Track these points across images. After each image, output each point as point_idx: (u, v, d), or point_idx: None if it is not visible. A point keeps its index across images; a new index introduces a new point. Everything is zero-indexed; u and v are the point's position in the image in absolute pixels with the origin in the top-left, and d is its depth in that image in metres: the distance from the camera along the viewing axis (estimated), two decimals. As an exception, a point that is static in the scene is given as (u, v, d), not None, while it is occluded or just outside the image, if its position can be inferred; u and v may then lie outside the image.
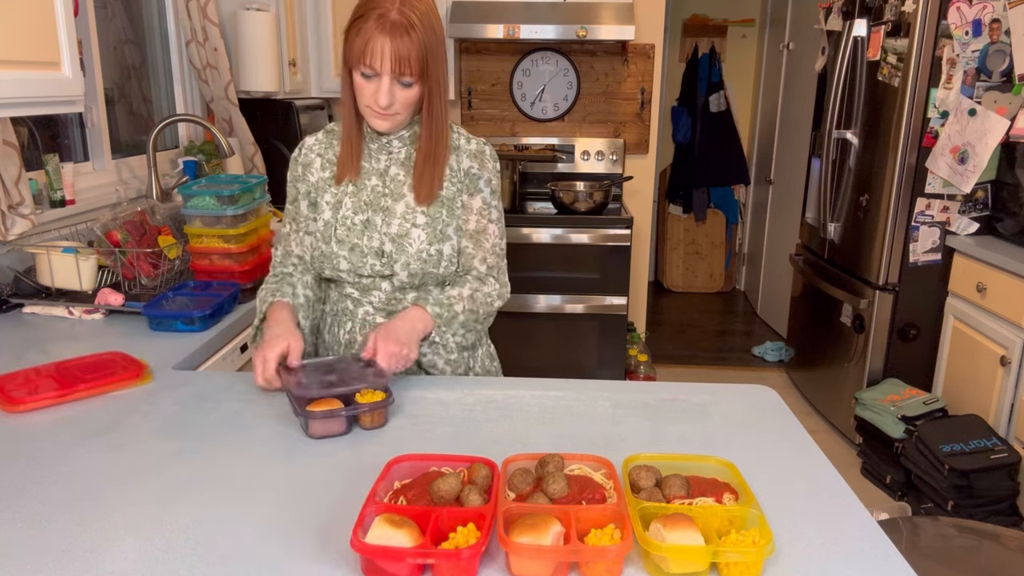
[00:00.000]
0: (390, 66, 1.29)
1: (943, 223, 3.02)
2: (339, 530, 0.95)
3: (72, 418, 1.26)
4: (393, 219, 1.43)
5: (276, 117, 3.20)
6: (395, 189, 1.45)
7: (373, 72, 1.30)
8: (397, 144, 1.45)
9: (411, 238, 1.43)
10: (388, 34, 1.27)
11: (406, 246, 1.43)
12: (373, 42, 1.27)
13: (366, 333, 1.50)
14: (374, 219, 1.44)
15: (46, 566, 0.87)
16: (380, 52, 1.28)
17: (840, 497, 1.06)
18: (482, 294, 1.47)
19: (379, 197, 1.45)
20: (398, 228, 1.43)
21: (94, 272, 1.90)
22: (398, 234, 1.43)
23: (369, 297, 1.50)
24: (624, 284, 3.45)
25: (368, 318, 1.51)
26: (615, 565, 0.87)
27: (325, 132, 1.52)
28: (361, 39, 1.28)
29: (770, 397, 1.40)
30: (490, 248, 1.49)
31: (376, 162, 1.46)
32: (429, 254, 1.43)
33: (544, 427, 1.26)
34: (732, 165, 5.42)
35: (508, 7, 3.42)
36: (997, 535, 1.79)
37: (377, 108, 1.34)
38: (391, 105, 1.33)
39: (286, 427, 1.24)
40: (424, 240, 1.43)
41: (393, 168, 1.46)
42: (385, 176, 1.46)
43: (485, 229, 1.48)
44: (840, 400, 3.38)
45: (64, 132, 2.36)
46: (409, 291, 1.49)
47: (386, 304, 1.50)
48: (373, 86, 1.32)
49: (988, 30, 2.78)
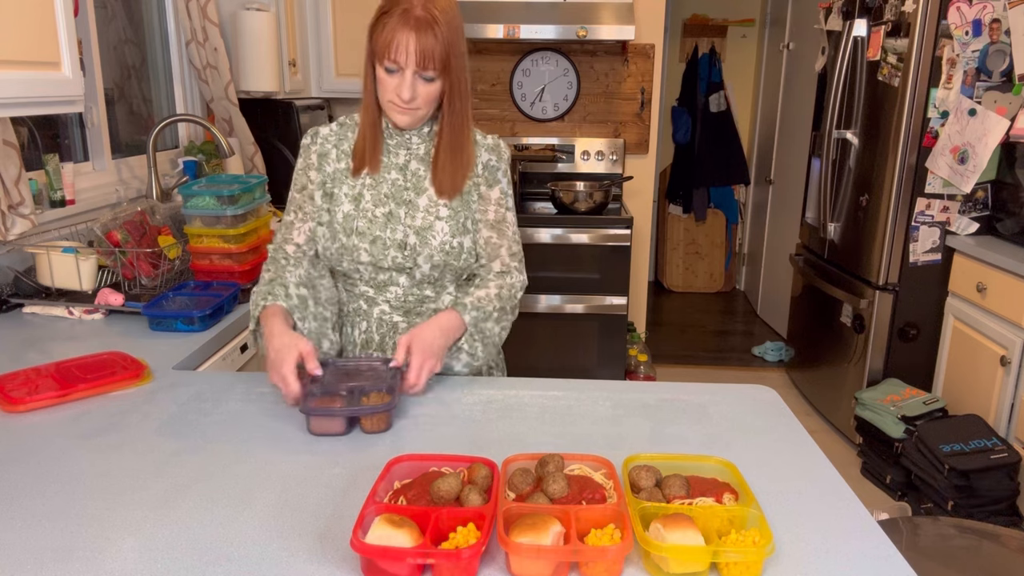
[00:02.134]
0: (414, 60, 1.31)
1: (943, 223, 3.02)
2: (339, 530, 0.95)
3: (72, 418, 1.26)
4: (417, 212, 1.45)
5: (276, 117, 3.20)
6: (416, 183, 1.46)
7: (397, 66, 1.33)
8: (416, 140, 1.47)
9: (435, 230, 1.44)
10: (413, 29, 1.30)
11: (430, 239, 1.44)
12: (398, 37, 1.30)
13: (383, 333, 1.51)
14: (397, 212, 1.45)
15: (46, 566, 0.87)
16: (405, 47, 1.30)
17: (840, 497, 1.06)
18: (507, 288, 1.49)
19: (400, 191, 1.46)
20: (422, 221, 1.44)
21: (94, 272, 1.90)
22: (422, 227, 1.44)
23: (385, 295, 1.49)
24: (624, 284, 3.45)
25: (384, 317, 1.50)
26: (615, 565, 0.87)
27: (339, 124, 1.52)
28: (386, 34, 1.31)
29: (770, 397, 1.40)
30: (512, 236, 1.52)
31: (395, 157, 1.47)
32: (452, 247, 1.45)
33: (544, 427, 1.26)
34: (732, 165, 5.43)
35: (508, 7, 3.42)
36: (997, 535, 1.79)
37: (399, 102, 1.36)
38: (413, 99, 1.35)
39: (286, 427, 1.24)
40: (447, 232, 1.45)
41: (413, 163, 1.47)
42: (405, 171, 1.47)
43: (504, 218, 1.52)
44: (840, 400, 3.38)
45: (64, 132, 2.36)
46: (426, 286, 1.49)
47: (402, 301, 1.49)
48: (396, 80, 1.34)
49: (988, 30, 2.78)
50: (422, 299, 1.50)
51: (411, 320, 1.51)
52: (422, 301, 1.50)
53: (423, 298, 1.50)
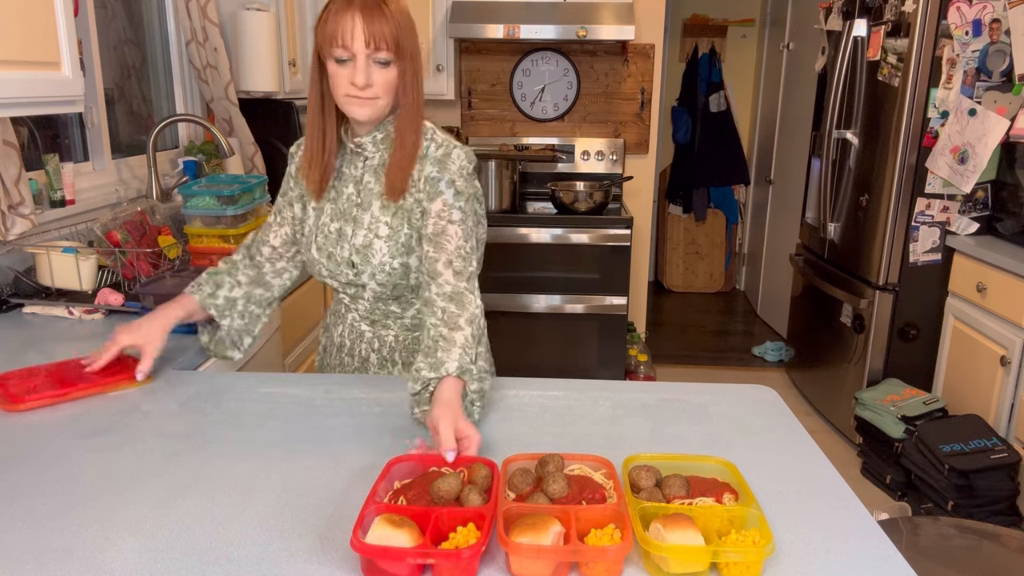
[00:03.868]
0: (363, 42, 1.25)
1: (943, 223, 3.02)
2: (339, 530, 0.95)
3: (72, 418, 1.26)
4: (360, 229, 1.41)
5: (276, 117, 3.20)
6: (365, 198, 1.41)
7: (348, 53, 1.26)
8: (370, 148, 1.40)
9: (373, 250, 1.39)
10: (359, 10, 1.24)
11: (370, 257, 1.40)
12: (344, 22, 1.24)
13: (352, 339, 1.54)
14: (345, 229, 1.42)
15: (46, 566, 0.87)
16: (352, 30, 1.24)
17: (840, 497, 1.05)
18: (476, 322, 1.27)
19: (352, 206, 1.42)
20: (362, 239, 1.40)
21: (94, 272, 1.90)
22: (362, 245, 1.40)
23: (356, 304, 1.52)
24: (624, 284, 3.45)
25: (355, 324, 1.54)
26: (615, 565, 0.87)
27: None
28: (331, 23, 1.25)
29: (770, 397, 1.40)
30: (454, 251, 1.33)
31: (353, 168, 1.43)
32: (393, 267, 1.40)
33: (544, 427, 1.26)
34: (732, 165, 5.43)
35: (508, 7, 3.43)
36: (997, 535, 1.79)
37: (355, 91, 1.28)
38: (369, 86, 1.28)
39: (286, 427, 1.24)
40: (386, 253, 1.39)
41: (367, 175, 1.42)
42: (360, 184, 1.43)
43: (444, 231, 1.34)
44: (840, 400, 3.38)
45: (64, 132, 2.36)
46: (390, 301, 1.48)
47: (370, 313, 1.51)
48: (348, 70, 1.27)
49: (988, 30, 2.78)
50: (387, 313, 1.50)
51: (376, 331, 1.52)
52: (388, 315, 1.50)
53: (388, 312, 1.50)
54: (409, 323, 1.51)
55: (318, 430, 1.23)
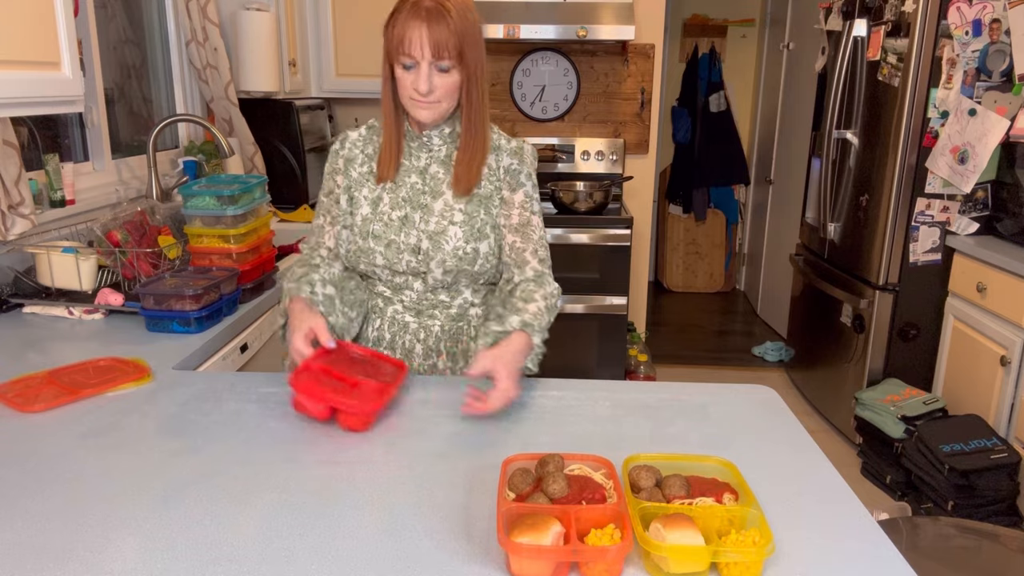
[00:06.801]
0: (428, 52, 1.32)
1: (943, 223, 3.02)
2: (339, 530, 0.95)
3: (72, 418, 1.26)
4: (431, 216, 1.45)
5: (276, 117, 3.20)
6: (434, 187, 1.46)
7: (412, 61, 1.33)
8: (437, 141, 1.47)
9: (448, 235, 1.44)
10: (424, 20, 1.30)
11: (442, 243, 1.44)
12: (410, 31, 1.31)
13: (394, 332, 1.53)
14: (412, 216, 1.45)
15: (46, 566, 0.87)
16: (418, 39, 1.31)
17: (840, 497, 1.06)
18: (551, 299, 1.44)
19: (418, 194, 1.46)
20: (436, 225, 1.44)
21: (94, 272, 1.90)
22: (435, 231, 1.44)
23: (400, 296, 1.51)
24: (624, 284, 3.45)
25: (397, 316, 1.52)
26: (615, 565, 0.87)
27: (368, 128, 1.53)
28: (398, 30, 1.32)
29: (770, 397, 1.40)
30: (538, 240, 1.49)
31: (416, 160, 1.48)
32: (465, 252, 1.45)
33: (544, 427, 1.26)
34: (732, 165, 5.43)
35: (508, 7, 3.42)
36: (997, 535, 1.79)
37: (418, 97, 1.36)
38: (432, 92, 1.35)
39: (286, 427, 1.24)
40: (460, 237, 1.44)
41: (433, 166, 1.47)
42: (425, 174, 1.47)
43: (529, 222, 1.49)
44: (840, 400, 3.38)
45: (64, 132, 2.36)
46: (440, 291, 1.50)
47: (416, 303, 1.51)
48: (412, 75, 1.35)
49: (988, 30, 2.78)
50: (435, 303, 1.51)
51: (422, 321, 1.52)
52: (435, 305, 1.51)
53: (437, 302, 1.51)
54: (455, 313, 1.52)
55: (318, 430, 1.23)
